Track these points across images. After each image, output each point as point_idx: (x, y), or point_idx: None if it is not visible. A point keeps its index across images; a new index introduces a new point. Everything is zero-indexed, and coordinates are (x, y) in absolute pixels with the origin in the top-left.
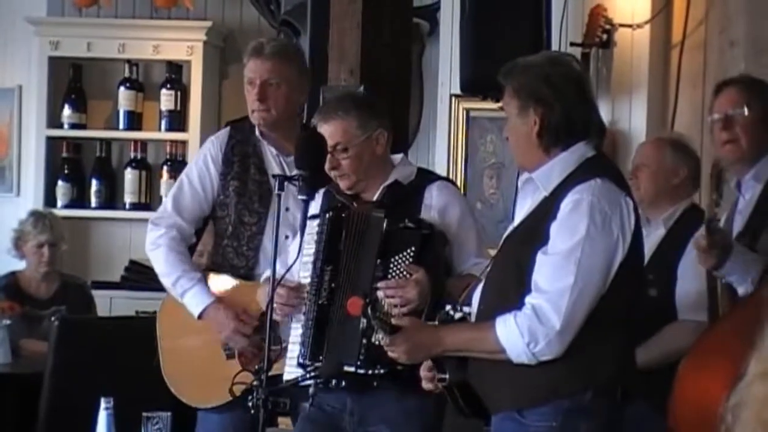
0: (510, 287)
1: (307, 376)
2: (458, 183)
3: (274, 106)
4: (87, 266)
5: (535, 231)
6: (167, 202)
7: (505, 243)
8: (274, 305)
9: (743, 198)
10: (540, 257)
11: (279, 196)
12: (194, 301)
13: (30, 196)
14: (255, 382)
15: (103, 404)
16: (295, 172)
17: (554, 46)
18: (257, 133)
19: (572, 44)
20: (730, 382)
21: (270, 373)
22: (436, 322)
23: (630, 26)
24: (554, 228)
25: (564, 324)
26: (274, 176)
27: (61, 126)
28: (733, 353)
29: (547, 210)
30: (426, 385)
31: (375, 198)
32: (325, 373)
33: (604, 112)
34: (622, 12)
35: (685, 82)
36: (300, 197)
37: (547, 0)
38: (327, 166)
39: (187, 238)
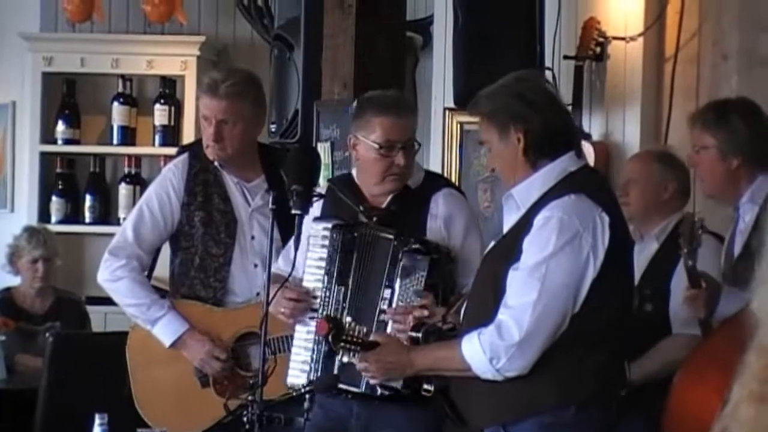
0: (488, 303)
1: (302, 390)
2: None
3: (230, 144)
4: (81, 282)
5: (510, 247)
6: (127, 231)
7: (484, 259)
8: (282, 309)
9: (743, 220)
10: (511, 273)
11: (273, 211)
12: (167, 330)
13: (24, 211)
14: (249, 398)
15: (97, 420)
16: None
17: (548, 59)
18: (216, 162)
19: (566, 57)
20: (723, 395)
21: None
22: (420, 334)
23: (623, 39)
24: (525, 244)
25: (524, 338)
26: (267, 191)
27: (54, 141)
28: (726, 366)
29: (522, 226)
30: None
31: (385, 204)
32: (321, 387)
33: (598, 125)
34: (615, 25)
35: (679, 95)
36: (294, 212)
37: (541, 13)
38: (400, 161)
39: (145, 268)
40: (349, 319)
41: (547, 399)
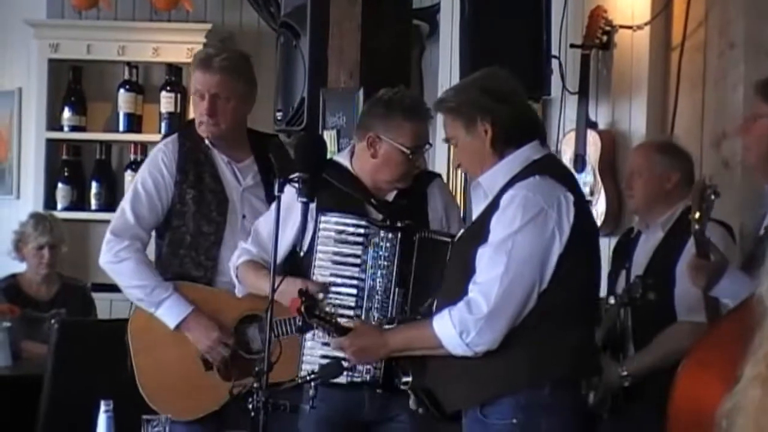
0: (459, 285)
1: (308, 378)
2: (458, 186)
3: (223, 120)
4: (87, 269)
5: (479, 230)
6: (126, 213)
7: (455, 245)
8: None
9: None
10: (479, 251)
11: (279, 197)
12: (172, 312)
13: (30, 198)
14: (255, 384)
15: (102, 407)
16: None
17: (554, 48)
18: (206, 141)
19: (572, 45)
20: (728, 384)
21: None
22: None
23: (630, 27)
24: (492, 222)
25: (492, 311)
26: (275, 178)
27: (60, 128)
28: (732, 355)
29: (489, 208)
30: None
31: (392, 198)
32: (326, 376)
33: (604, 113)
34: (622, 13)
35: (685, 84)
36: (300, 200)
37: (547, 1)
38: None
39: (146, 248)
40: (321, 295)
41: (521, 378)
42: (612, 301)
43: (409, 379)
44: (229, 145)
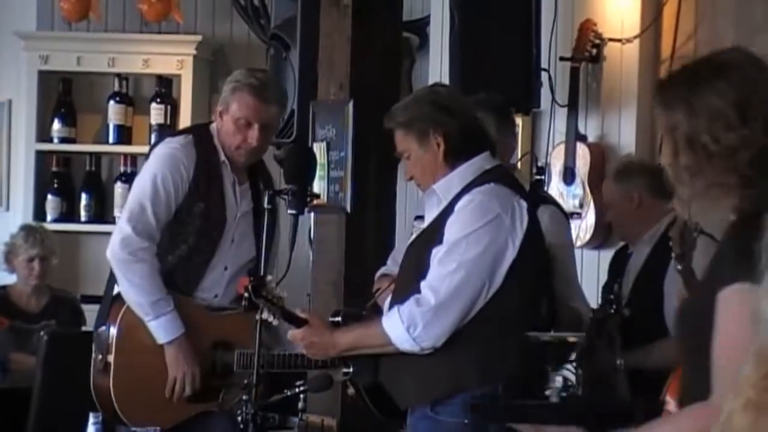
0: (410, 286)
1: (297, 390)
2: None
3: (263, 149)
4: (77, 280)
5: (433, 233)
6: (148, 211)
7: (408, 248)
8: None
9: None
10: (433, 251)
11: (269, 210)
12: (166, 328)
13: (19, 210)
14: (245, 397)
15: (91, 419)
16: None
17: (544, 60)
18: (222, 155)
19: (562, 58)
20: None
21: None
22: (339, 318)
23: (619, 41)
24: (447, 225)
25: (439, 304)
26: (265, 191)
27: (50, 140)
28: None
29: (444, 213)
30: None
31: None
32: (315, 387)
33: (594, 126)
34: (611, 26)
35: None
36: (289, 212)
37: (537, 14)
38: None
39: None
40: (270, 277)
41: (471, 376)
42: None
43: (350, 370)
44: (240, 167)
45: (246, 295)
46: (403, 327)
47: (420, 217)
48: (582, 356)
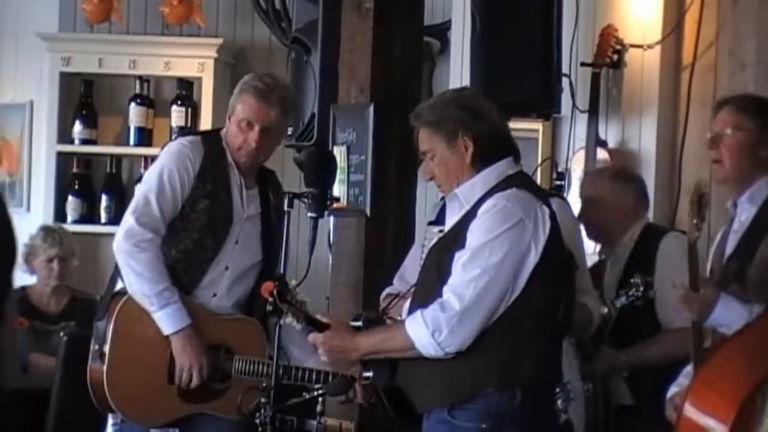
0: (432, 289)
1: (315, 393)
2: None
3: (264, 152)
4: (96, 282)
5: (455, 237)
6: (152, 204)
7: (430, 251)
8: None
9: (738, 220)
10: (456, 256)
11: (288, 213)
12: (173, 318)
13: (40, 211)
14: (263, 400)
15: (110, 420)
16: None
17: (565, 66)
18: (230, 157)
19: (583, 64)
20: (733, 403)
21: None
22: (360, 323)
23: (641, 47)
24: (470, 230)
25: (465, 309)
26: (285, 193)
27: (71, 142)
28: (737, 376)
29: (467, 217)
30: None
31: None
32: (334, 391)
33: (614, 132)
34: (632, 33)
35: (695, 103)
36: (309, 215)
37: (558, 19)
38: None
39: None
40: (294, 282)
41: (491, 380)
42: (605, 311)
43: (370, 374)
44: (248, 170)
45: (270, 299)
46: (428, 332)
47: (432, 223)
48: (585, 360)
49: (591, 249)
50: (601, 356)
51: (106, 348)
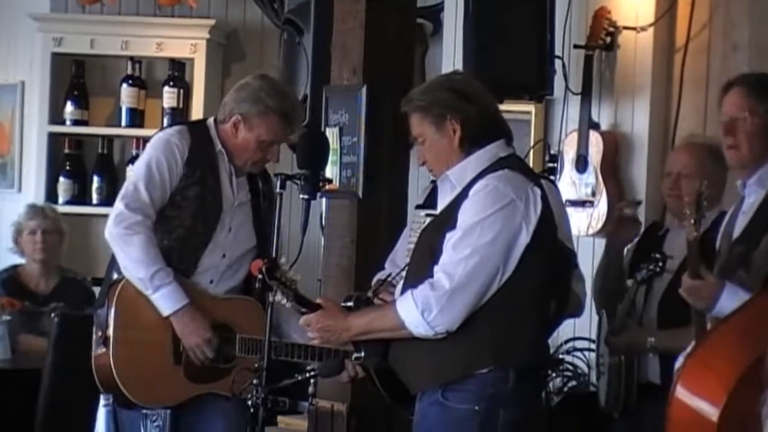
0: (423, 270)
1: (307, 375)
2: None
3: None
4: (88, 263)
5: (446, 218)
6: (141, 190)
7: (422, 233)
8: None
9: (747, 202)
10: (447, 236)
11: (281, 195)
12: (170, 298)
13: (31, 192)
14: (255, 381)
15: (102, 401)
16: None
17: (557, 48)
18: (219, 145)
19: (576, 46)
20: (726, 385)
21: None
22: (351, 303)
23: (634, 29)
24: (462, 210)
25: (455, 288)
26: (276, 175)
27: (63, 122)
28: (734, 356)
29: (458, 198)
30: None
31: None
32: (326, 372)
33: (607, 114)
34: (625, 15)
35: (689, 86)
36: (302, 197)
37: (551, 2)
38: None
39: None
40: (284, 260)
41: (483, 360)
42: (630, 283)
43: (361, 354)
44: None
45: (260, 276)
46: (417, 311)
47: (420, 207)
48: (611, 333)
49: (576, 231)
50: (627, 333)
51: (110, 332)
